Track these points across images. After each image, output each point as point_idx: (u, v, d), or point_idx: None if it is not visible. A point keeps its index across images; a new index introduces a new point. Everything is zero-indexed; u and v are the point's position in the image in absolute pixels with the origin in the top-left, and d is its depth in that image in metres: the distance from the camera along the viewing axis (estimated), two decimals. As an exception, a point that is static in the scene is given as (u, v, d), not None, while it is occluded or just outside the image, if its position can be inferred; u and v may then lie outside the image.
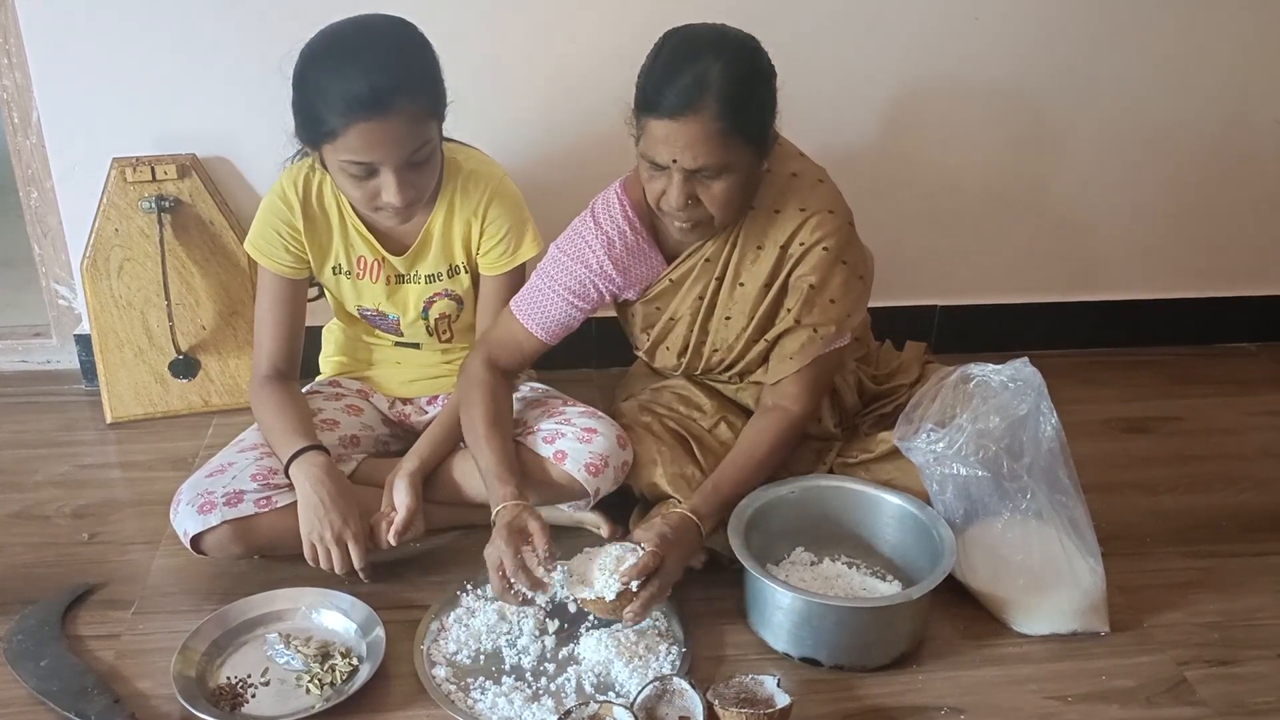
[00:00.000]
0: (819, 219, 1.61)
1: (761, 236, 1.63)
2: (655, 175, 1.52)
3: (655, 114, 1.46)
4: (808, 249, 1.61)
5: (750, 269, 1.65)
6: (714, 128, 1.44)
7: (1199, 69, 2.23)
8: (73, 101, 2.01)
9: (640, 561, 1.44)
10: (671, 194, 1.51)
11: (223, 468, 1.62)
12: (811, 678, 1.47)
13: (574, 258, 1.67)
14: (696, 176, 1.49)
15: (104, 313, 2.06)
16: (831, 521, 1.67)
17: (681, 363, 1.75)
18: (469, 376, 1.69)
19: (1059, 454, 1.56)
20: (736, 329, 1.69)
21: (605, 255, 1.66)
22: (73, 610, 1.58)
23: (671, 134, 1.45)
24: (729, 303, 1.67)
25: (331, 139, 1.49)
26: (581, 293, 1.68)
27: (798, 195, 1.62)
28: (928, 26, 2.12)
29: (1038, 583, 1.55)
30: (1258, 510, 1.88)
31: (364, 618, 1.52)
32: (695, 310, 1.69)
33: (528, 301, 1.69)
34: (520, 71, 2.07)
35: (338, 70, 1.47)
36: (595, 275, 1.67)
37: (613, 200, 1.67)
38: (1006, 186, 2.30)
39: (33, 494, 1.88)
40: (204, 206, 2.05)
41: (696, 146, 1.45)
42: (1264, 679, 1.50)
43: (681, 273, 1.68)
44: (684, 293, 1.69)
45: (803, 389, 1.66)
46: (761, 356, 1.70)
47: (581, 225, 1.69)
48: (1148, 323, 2.45)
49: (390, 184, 1.51)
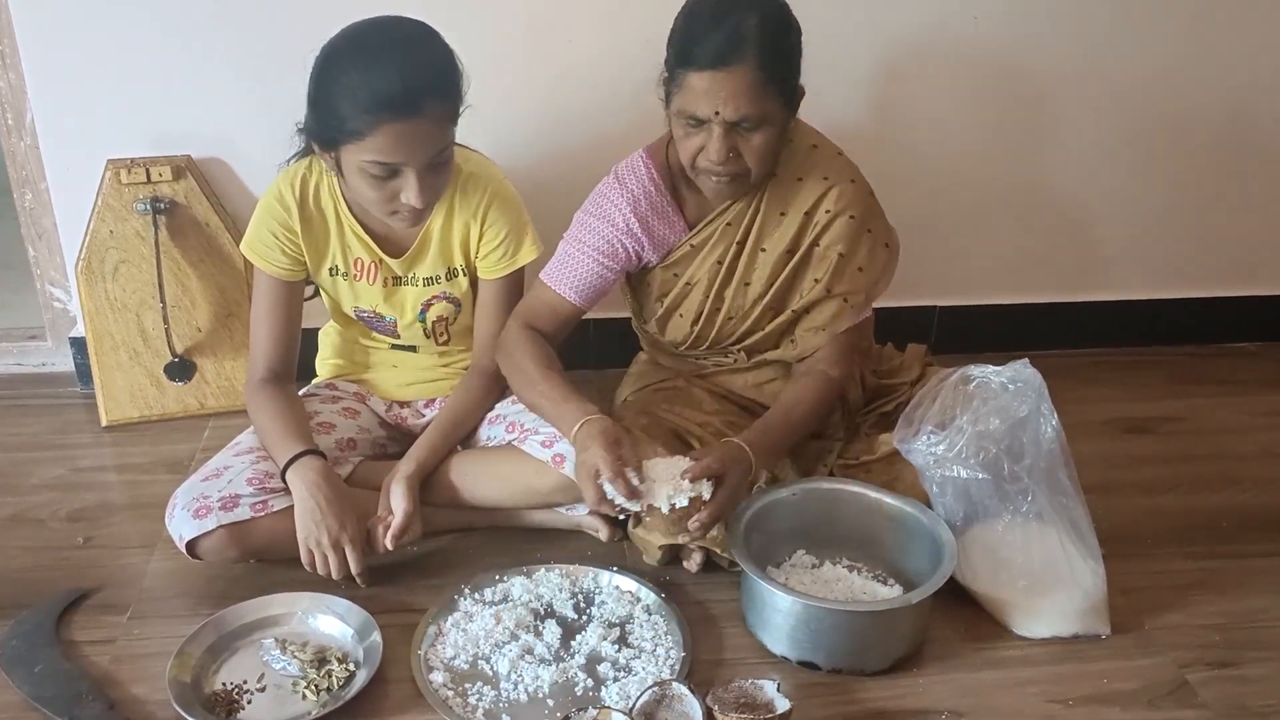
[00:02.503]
0: (842, 188, 1.65)
1: (784, 203, 1.66)
2: (693, 131, 1.54)
3: (695, 66, 1.49)
4: (834, 217, 1.65)
5: (773, 235, 1.67)
6: (755, 78, 1.48)
7: (1200, 68, 2.22)
8: (67, 103, 2.00)
9: (704, 463, 1.47)
10: (712, 147, 1.52)
11: (218, 472, 1.61)
12: (810, 681, 1.47)
13: (600, 218, 1.70)
14: (736, 129, 1.52)
15: (99, 315, 2.05)
16: (832, 524, 1.66)
17: (694, 332, 1.75)
18: (508, 340, 1.70)
19: (1059, 455, 1.55)
20: (753, 295, 1.70)
21: (631, 213, 1.68)
22: (67, 615, 1.57)
23: (713, 86, 1.48)
24: (749, 268, 1.69)
25: (356, 138, 1.48)
26: (610, 252, 1.70)
27: (820, 165, 1.67)
28: (925, 27, 2.12)
29: (1038, 585, 1.54)
30: (1259, 511, 1.87)
31: (361, 622, 1.51)
32: (714, 275, 1.70)
33: (558, 268, 1.72)
34: (519, 72, 2.06)
35: (369, 69, 1.46)
36: (622, 234, 1.69)
37: (637, 163, 1.70)
38: (1006, 187, 2.29)
39: (27, 497, 1.87)
40: (199, 208, 2.04)
41: (739, 97, 1.48)
42: (1266, 681, 1.49)
43: (703, 237, 1.70)
44: (703, 257, 1.71)
45: (838, 354, 1.70)
46: (777, 331, 1.73)
47: (606, 187, 1.71)
48: (1148, 323, 2.44)
49: (412, 185, 1.51)
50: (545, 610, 1.57)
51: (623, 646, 1.50)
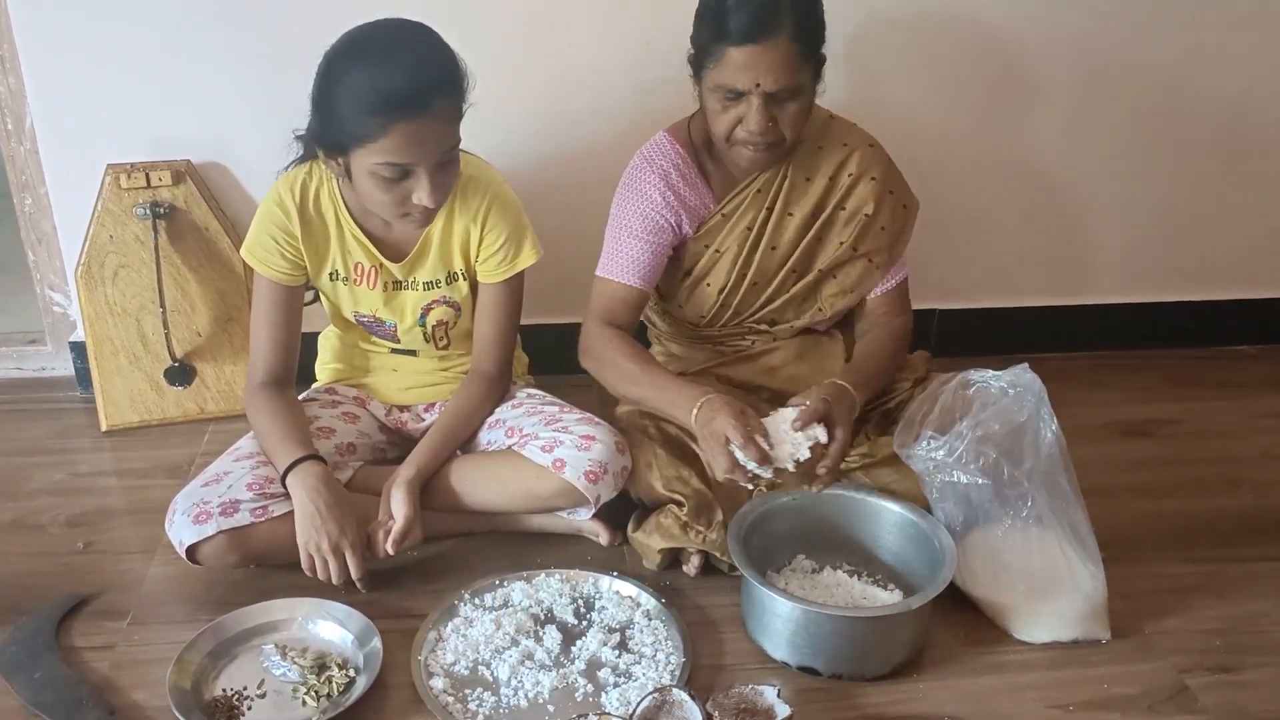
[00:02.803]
0: (863, 152, 1.74)
1: (809, 169, 1.73)
2: (730, 104, 1.59)
3: (732, 40, 1.53)
4: (856, 180, 1.73)
5: (800, 200, 1.74)
6: (791, 49, 1.54)
7: (1200, 71, 2.22)
8: (67, 108, 2.00)
9: (810, 407, 1.51)
10: (752, 118, 1.57)
11: (218, 477, 1.61)
12: (810, 687, 1.47)
13: (638, 198, 1.74)
14: (774, 99, 1.57)
15: (99, 319, 2.05)
16: (832, 529, 1.66)
17: (719, 301, 1.79)
18: (593, 344, 1.75)
19: (1059, 460, 1.55)
20: (779, 259, 1.76)
21: (665, 187, 1.73)
22: (67, 620, 1.57)
23: (752, 59, 1.53)
24: (777, 232, 1.75)
25: (368, 141, 1.48)
26: (655, 228, 1.74)
27: (838, 133, 1.75)
28: (925, 34, 2.12)
29: (1038, 589, 1.54)
30: (1259, 514, 1.87)
31: (361, 628, 1.51)
32: (743, 241, 1.75)
33: (612, 259, 1.76)
34: (517, 75, 2.06)
35: (376, 72, 1.46)
36: (661, 209, 1.73)
37: (661, 141, 1.75)
38: (1005, 190, 2.29)
39: (27, 502, 1.87)
40: (199, 212, 2.04)
41: (777, 69, 1.53)
42: (1267, 686, 1.49)
43: (734, 205, 1.75)
44: (732, 225, 1.75)
45: (897, 303, 1.81)
46: (800, 295, 1.78)
47: (635, 169, 1.76)
48: (1147, 326, 2.44)
49: (424, 185, 1.52)
50: (545, 615, 1.57)
51: (623, 652, 1.50)
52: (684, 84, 2.01)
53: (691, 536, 1.62)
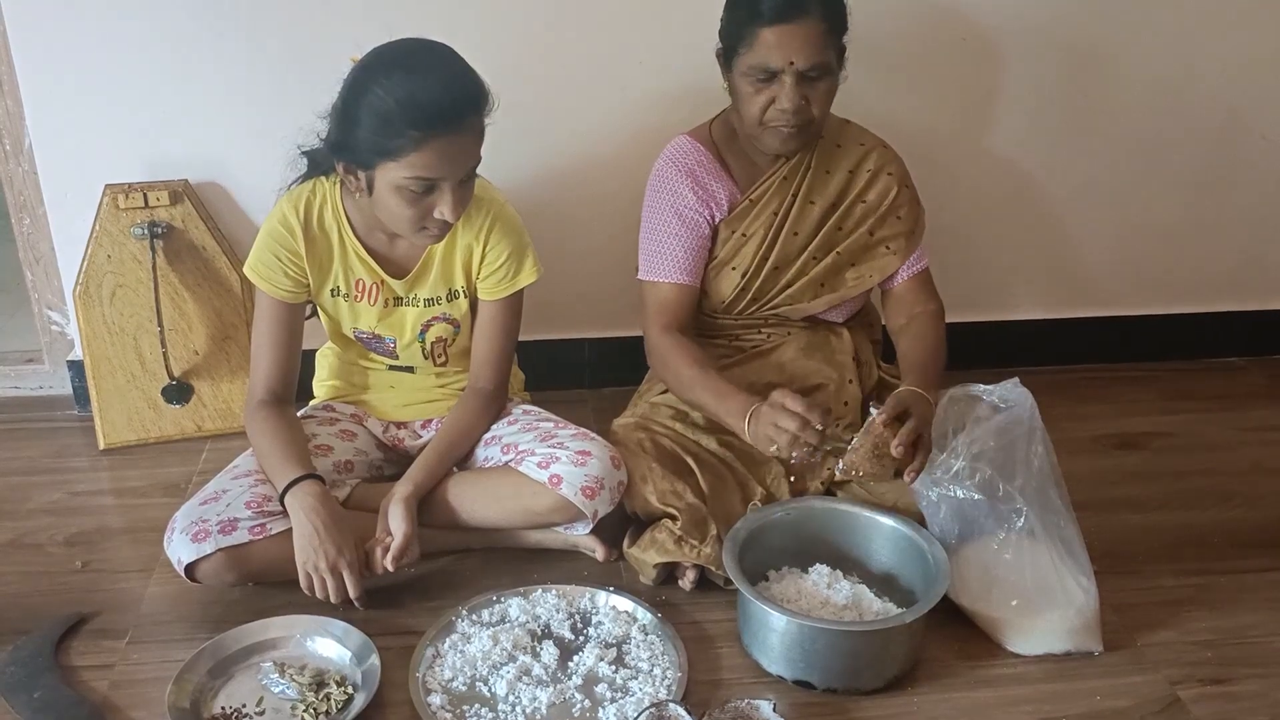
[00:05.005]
0: (879, 151, 1.85)
1: (829, 163, 1.83)
2: (763, 86, 1.66)
3: (765, 22, 1.62)
4: (875, 174, 1.83)
5: (821, 190, 1.82)
6: (821, 28, 1.63)
7: (1188, 87, 2.24)
8: (65, 128, 2.02)
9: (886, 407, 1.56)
10: (785, 96, 1.65)
11: (217, 495, 1.62)
12: (805, 701, 1.48)
13: (667, 195, 1.81)
14: (805, 78, 1.64)
15: (96, 339, 2.06)
16: (826, 542, 1.67)
17: (741, 283, 1.83)
18: (657, 348, 1.80)
19: (1050, 474, 1.57)
20: (800, 244, 1.83)
21: (690, 180, 1.80)
22: (66, 640, 1.58)
23: (784, 37, 1.62)
24: (799, 219, 1.82)
25: (399, 155, 1.50)
26: (689, 222, 1.80)
27: (853, 134, 1.86)
28: (919, 47, 2.14)
29: (1031, 603, 1.55)
30: (1249, 526, 1.89)
31: (359, 645, 1.52)
32: (769, 225, 1.82)
33: (653, 262, 1.82)
34: (515, 93, 2.07)
35: (413, 88, 1.48)
36: (689, 203, 1.80)
37: (681, 143, 1.83)
38: (996, 204, 2.31)
39: (25, 522, 1.87)
40: (196, 232, 2.05)
41: (810, 46, 1.62)
42: (1258, 698, 1.50)
43: (760, 191, 1.81)
44: (759, 210, 1.82)
45: (924, 291, 1.87)
46: (819, 278, 1.83)
47: (659, 170, 1.83)
48: (1137, 338, 2.46)
49: (448, 200, 1.55)
50: (542, 631, 1.58)
51: (620, 667, 1.51)
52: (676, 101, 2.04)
53: (686, 551, 1.63)
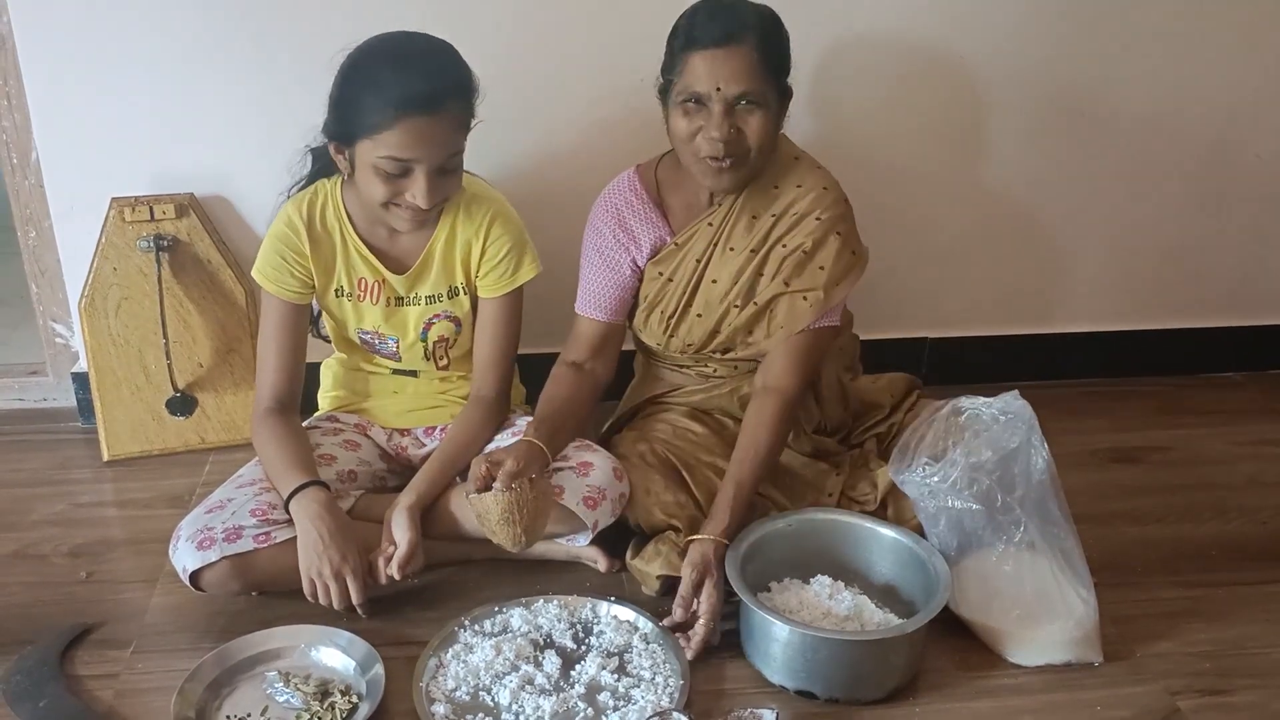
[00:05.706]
0: (816, 194, 1.74)
1: (758, 208, 1.75)
2: (694, 112, 1.62)
3: (698, 47, 1.60)
4: (800, 218, 1.74)
5: (742, 236, 1.76)
6: (754, 57, 1.59)
7: (1182, 103, 2.27)
8: (71, 142, 2.03)
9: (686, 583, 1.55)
10: (712, 124, 1.61)
11: (222, 504, 1.63)
12: (808, 711, 1.48)
13: (593, 234, 1.82)
14: (736, 107, 1.60)
15: (101, 351, 2.07)
16: (827, 554, 1.68)
17: (669, 326, 1.82)
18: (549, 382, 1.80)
19: (1050, 486, 1.58)
20: (720, 292, 1.78)
21: (614, 221, 1.80)
22: (71, 650, 1.58)
23: (714, 62, 1.59)
24: (718, 266, 1.77)
25: (375, 132, 1.54)
26: (609, 261, 1.81)
27: (796, 174, 1.77)
28: (912, 66, 2.16)
29: (1031, 614, 1.56)
30: (1247, 539, 1.90)
31: (363, 654, 1.52)
32: (691, 272, 1.79)
33: (580, 295, 1.84)
34: (510, 97, 2.08)
35: (396, 67, 1.55)
36: (610, 243, 1.80)
37: (620, 180, 1.83)
38: (994, 219, 2.33)
39: (29, 533, 1.88)
40: (202, 245, 2.07)
41: (740, 74, 1.59)
42: (1256, 708, 1.51)
43: (687, 236, 1.78)
44: (684, 255, 1.79)
45: (790, 363, 1.74)
46: (743, 328, 1.78)
47: (594, 209, 1.83)
48: (1135, 353, 2.48)
49: (421, 185, 1.58)
50: (545, 641, 1.58)
51: (622, 675, 1.51)
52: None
53: (688, 563, 1.63)
